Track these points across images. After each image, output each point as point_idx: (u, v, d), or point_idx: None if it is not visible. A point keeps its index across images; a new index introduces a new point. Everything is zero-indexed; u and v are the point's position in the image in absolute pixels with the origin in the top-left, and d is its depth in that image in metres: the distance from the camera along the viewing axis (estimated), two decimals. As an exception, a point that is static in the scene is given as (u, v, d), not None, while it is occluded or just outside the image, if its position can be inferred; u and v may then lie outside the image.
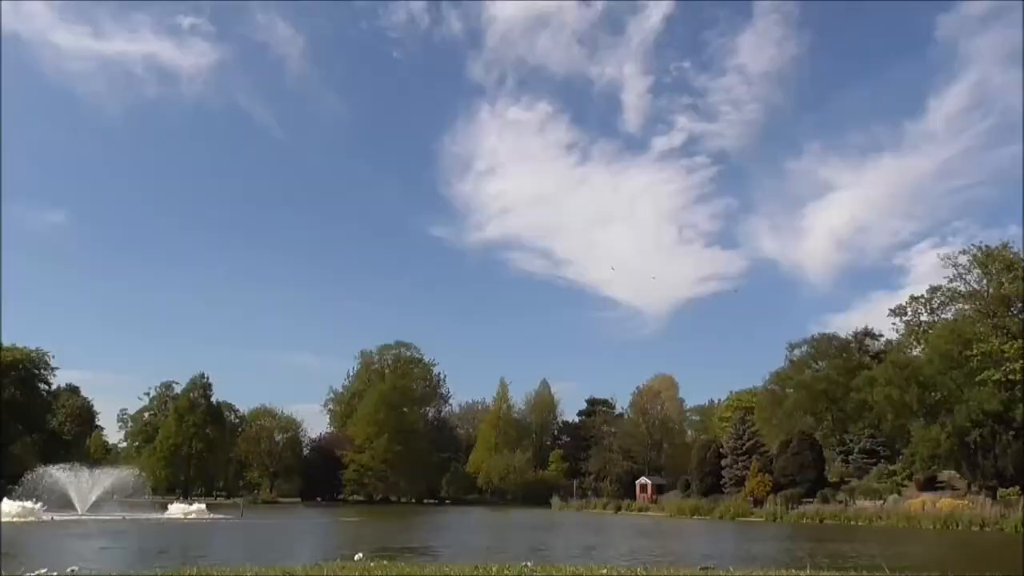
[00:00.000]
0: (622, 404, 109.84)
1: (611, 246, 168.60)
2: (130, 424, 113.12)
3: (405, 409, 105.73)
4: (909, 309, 73.13)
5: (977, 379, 56.12)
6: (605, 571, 9.10)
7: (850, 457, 71.46)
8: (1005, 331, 58.49)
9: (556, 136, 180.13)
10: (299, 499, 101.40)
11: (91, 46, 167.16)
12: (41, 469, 58.31)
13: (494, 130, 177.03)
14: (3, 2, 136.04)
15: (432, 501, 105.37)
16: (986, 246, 61.43)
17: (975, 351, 57.06)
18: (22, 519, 44.15)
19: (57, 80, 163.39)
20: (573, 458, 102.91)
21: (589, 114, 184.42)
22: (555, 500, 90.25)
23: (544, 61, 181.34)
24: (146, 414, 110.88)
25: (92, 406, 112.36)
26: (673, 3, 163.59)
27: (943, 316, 68.09)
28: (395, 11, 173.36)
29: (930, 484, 58.46)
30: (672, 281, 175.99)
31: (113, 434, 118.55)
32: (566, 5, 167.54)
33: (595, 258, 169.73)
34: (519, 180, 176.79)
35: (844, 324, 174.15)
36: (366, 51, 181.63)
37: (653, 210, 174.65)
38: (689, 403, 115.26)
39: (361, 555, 10.53)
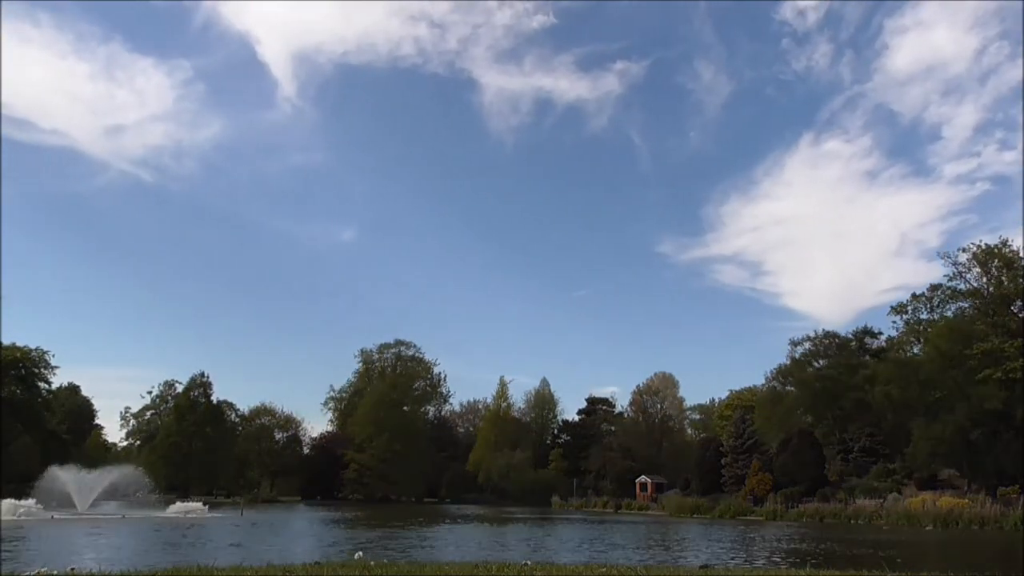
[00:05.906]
0: (622, 403, 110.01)
1: (823, 260, 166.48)
2: (132, 423, 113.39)
3: (405, 408, 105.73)
4: (909, 307, 73.28)
5: (978, 378, 56.11)
6: (604, 570, 9.08)
7: (850, 456, 71.46)
8: (1005, 329, 58.50)
9: (859, 165, 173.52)
10: (299, 498, 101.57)
11: (506, 84, 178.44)
12: (49, 472, 58.28)
13: (803, 160, 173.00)
14: (456, 50, 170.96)
15: (432, 500, 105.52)
16: (986, 244, 61.40)
17: (975, 349, 57.09)
18: (21, 518, 44.12)
19: (483, 116, 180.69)
20: (573, 457, 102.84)
21: (904, 147, 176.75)
22: (555, 499, 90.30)
23: (900, 107, 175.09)
24: (147, 413, 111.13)
25: (92, 405, 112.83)
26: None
27: (943, 314, 68.20)
28: (799, 57, 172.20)
29: (930, 482, 58.47)
30: (862, 292, 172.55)
31: (114, 433, 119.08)
32: (963, 58, 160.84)
33: (799, 271, 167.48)
34: (787, 203, 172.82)
35: None
36: (747, 90, 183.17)
37: (891, 227, 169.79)
38: (689, 401, 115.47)
39: (361, 554, 10.51)
